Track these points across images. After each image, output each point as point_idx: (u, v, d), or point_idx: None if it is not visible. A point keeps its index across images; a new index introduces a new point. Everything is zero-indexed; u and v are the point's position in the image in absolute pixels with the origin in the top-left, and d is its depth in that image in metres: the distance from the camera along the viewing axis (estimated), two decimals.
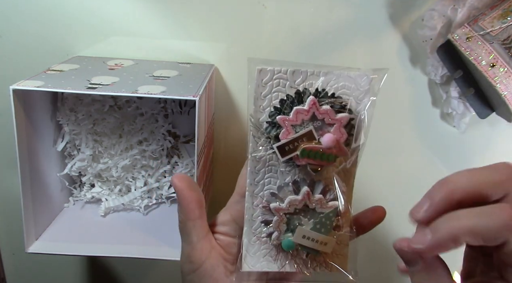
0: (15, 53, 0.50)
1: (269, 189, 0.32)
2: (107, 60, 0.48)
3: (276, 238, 0.32)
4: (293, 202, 0.31)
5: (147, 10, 0.49)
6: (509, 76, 0.43)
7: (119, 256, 0.41)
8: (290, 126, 0.30)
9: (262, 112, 0.31)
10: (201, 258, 0.33)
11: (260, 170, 0.32)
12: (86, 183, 0.51)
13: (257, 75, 0.30)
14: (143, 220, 0.48)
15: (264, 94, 0.30)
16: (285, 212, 0.32)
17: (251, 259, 0.33)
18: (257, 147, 0.31)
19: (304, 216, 0.32)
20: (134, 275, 0.64)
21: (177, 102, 0.50)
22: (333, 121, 0.30)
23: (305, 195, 0.31)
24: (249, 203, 0.32)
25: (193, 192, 0.33)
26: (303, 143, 0.30)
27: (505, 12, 0.43)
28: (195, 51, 0.50)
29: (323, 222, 0.31)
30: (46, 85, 0.37)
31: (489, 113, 0.49)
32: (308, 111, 0.30)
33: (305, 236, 0.32)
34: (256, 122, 0.31)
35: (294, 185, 0.32)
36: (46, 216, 0.45)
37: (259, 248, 0.33)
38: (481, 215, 0.24)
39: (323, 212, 0.32)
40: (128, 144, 0.49)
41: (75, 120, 0.48)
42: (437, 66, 0.49)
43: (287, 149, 0.30)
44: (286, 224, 0.32)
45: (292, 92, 0.30)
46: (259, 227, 0.33)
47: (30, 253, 0.41)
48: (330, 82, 0.30)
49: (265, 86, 0.30)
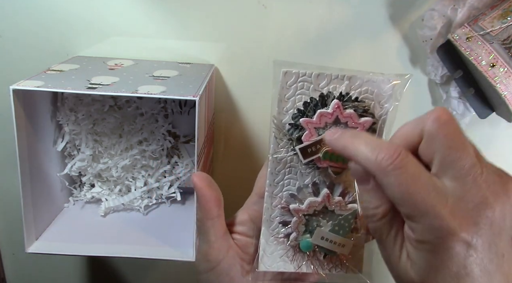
0: (15, 53, 0.50)
1: (288, 190, 0.32)
2: (107, 60, 0.48)
3: (294, 239, 0.33)
4: (313, 204, 0.32)
5: (147, 10, 0.49)
6: (509, 76, 0.43)
7: (119, 256, 0.41)
8: (313, 129, 0.30)
9: (286, 114, 0.31)
10: (219, 257, 0.33)
11: (280, 171, 0.32)
12: (86, 183, 0.51)
13: (282, 77, 0.30)
14: (143, 220, 0.48)
15: (288, 96, 0.31)
16: (304, 213, 0.32)
17: (268, 259, 0.33)
18: (279, 148, 0.31)
19: (323, 218, 0.33)
20: (134, 275, 0.64)
21: (177, 102, 0.50)
22: (356, 125, 0.30)
23: (325, 197, 0.32)
24: (268, 204, 0.33)
25: (212, 190, 0.33)
26: (325, 146, 0.30)
27: (505, 12, 0.43)
28: (195, 51, 0.50)
29: (341, 224, 0.32)
30: (46, 85, 0.37)
31: (489, 113, 0.49)
32: (332, 114, 0.30)
33: (323, 237, 0.32)
34: (278, 123, 0.31)
35: (314, 186, 0.32)
36: (46, 216, 0.45)
37: (276, 248, 0.33)
38: (372, 143, 0.26)
39: (342, 214, 0.32)
40: (128, 144, 0.49)
41: (75, 120, 0.48)
42: (437, 66, 0.49)
43: (309, 151, 0.31)
44: (304, 225, 0.33)
45: (316, 95, 0.31)
46: (277, 227, 0.33)
47: (30, 253, 0.41)
48: (354, 86, 0.31)
49: (289, 88, 0.30)
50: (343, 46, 0.51)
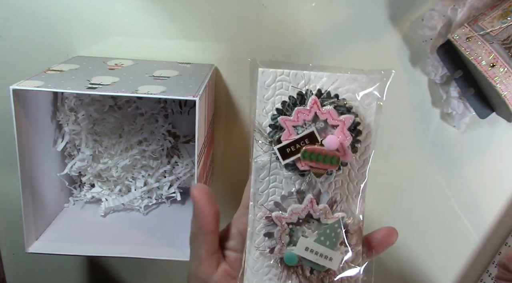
0: (15, 53, 0.50)
1: (274, 200, 0.31)
2: (107, 60, 0.48)
3: (278, 251, 0.30)
4: (296, 211, 0.30)
5: (147, 10, 0.49)
6: (509, 76, 0.43)
7: (119, 256, 0.41)
8: (292, 127, 0.29)
9: (265, 116, 0.30)
10: (207, 273, 0.32)
11: (264, 178, 0.30)
12: (86, 183, 0.51)
13: (259, 77, 0.29)
14: (143, 220, 0.48)
15: (267, 97, 0.29)
16: (288, 221, 0.30)
17: (253, 277, 0.31)
18: (261, 152, 0.30)
19: (308, 228, 0.30)
20: (134, 275, 0.64)
21: (177, 102, 0.50)
22: (336, 122, 0.29)
23: (309, 203, 0.30)
24: (253, 215, 0.31)
25: (211, 205, 0.31)
26: (305, 145, 0.29)
27: (505, 12, 0.43)
28: (195, 51, 0.50)
29: (327, 234, 0.30)
30: (46, 85, 0.37)
31: (489, 113, 0.49)
32: (309, 111, 0.29)
33: (308, 248, 0.30)
34: (259, 126, 0.30)
35: (299, 194, 0.30)
36: (46, 216, 0.45)
37: (262, 265, 0.31)
38: None
39: (328, 223, 0.30)
40: (128, 144, 0.49)
41: (75, 120, 0.48)
42: (437, 66, 0.49)
43: (288, 151, 0.29)
44: (289, 236, 0.30)
45: (295, 94, 0.29)
46: (262, 241, 0.31)
47: (30, 253, 0.41)
48: (334, 84, 0.29)
49: (267, 88, 0.29)
50: (344, 46, 0.51)
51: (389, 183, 0.57)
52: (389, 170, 0.56)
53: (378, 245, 0.32)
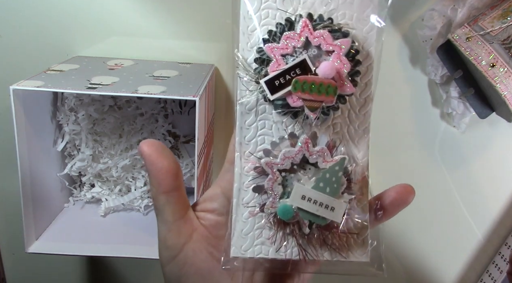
0: (15, 53, 0.50)
1: (263, 149, 0.26)
2: (107, 60, 0.48)
3: (270, 204, 0.26)
4: (288, 155, 0.25)
5: (147, 10, 0.49)
6: (509, 76, 0.43)
7: (119, 256, 0.41)
8: (280, 57, 0.25)
9: (250, 50, 0.26)
10: (179, 241, 0.27)
11: (251, 125, 0.26)
12: (86, 183, 0.51)
13: (242, 5, 0.25)
14: (143, 220, 0.48)
15: (251, 28, 0.25)
16: (280, 168, 0.25)
17: (241, 241, 0.26)
18: (246, 92, 0.26)
19: (304, 174, 0.26)
20: (134, 275, 0.64)
21: (177, 102, 0.50)
22: (331, 47, 0.24)
23: (304, 145, 0.25)
24: (239, 168, 0.26)
25: (165, 158, 0.27)
26: (296, 76, 0.24)
27: (505, 12, 0.43)
28: (195, 51, 0.50)
29: (327, 179, 0.25)
30: (46, 85, 0.37)
31: (489, 113, 0.49)
32: (299, 35, 0.24)
33: (305, 196, 0.25)
34: (243, 62, 0.26)
35: (292, 138, 0.26)
36: (46, 216, 0.45)
37: (252, 227, 0.26)
38: None
39: (326, 167, 0.25)
40: (128, 144, 0.49)
41: (75, 120, 0.48)
42: (437, 66, 0.49)
43: (277, 84, 0.24)
44: (282, 186, 0.26)
45: (283, 21, 0.25)
46: (252, 198, 0.26)
47: (30, 253, 0.41)
48: (328, 8, 0.25)
49: (251, 18, 0.25)
50: None
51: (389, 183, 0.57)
52: (389, 170, 0.56)
53: (391, 204, 0.27)
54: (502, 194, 0.57)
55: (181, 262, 0.27)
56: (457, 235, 0.60)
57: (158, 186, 0.27)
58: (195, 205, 0.29)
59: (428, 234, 0.60)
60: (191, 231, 0.27)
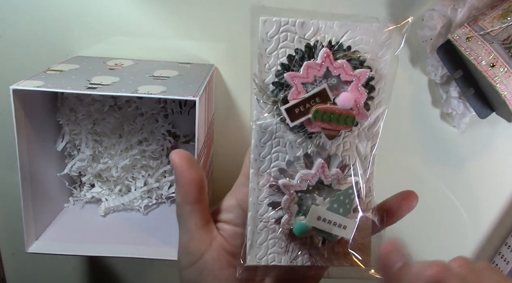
0: (15, 53, 0.50)
1: (277, 166, 0.27)
2: (107, 60, 0.48)
3: (286, 222, 0.27)
4: (306, 177, 0.27)
5: (147, 10, 0.49)
6: (509, 76, 0.43)
7: (119, 256, 0.41)
8: (301, 85, 0.26)
9: (268, 72, 0.26)
10: (200, 249, 0.29)
11: (267, 143, 0.27)
12: (86, 183, 0.51)
13: (261, 28, 0.25)
14: (143, 220, 0.48)
15: (269, 51, 0.26)
16: (296, 189, 0.27)
17: (257, 251, 0.28)
18: (262, 114, 0.26)
19: (319, 195, 0.28)
20: (134, 275, 0.64)
21: (177, 102, 0.50)
22: (350, 78, 0.26)
23: (320, 169, 0.27)
24: (254, 183, 0.28)
25: (193, 170, 0.28)
26: (315, 104, 0.25)
27: (505, 12, 0.43)
28: (195, 51, 0.50)
29: (341, 201, 0.27)
30: (46, 85, 0.37)
31: (489, 113, 0.49)
32: (321, 66, 0.25)
33: (320, 217, 0.27)
34: (260, 83, 0.26)
35: (307, 159, 0.27)
36: (46, 216, 0.45)
37: (267, 237, 0.28)
38: None
39: (340, 189, 0.27)
40: (128, 144, 0.49)
41: (75, 120, 0.48)
42: (437, 66, 0.49)
43: (297, 111, 0.26)
44: (297, 205, 0.27)
45: (302, 47, 0.26)
46: (266, 211, 0.28)
47: (30, 253, 0.41)
48: (346, 34, 0.26)
49: (270, 40, 0.26)
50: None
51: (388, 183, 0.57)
52: (389, 170, 0.56)
53: (396, 210, 0.30)
54: (502, 194, 0.57)
55: (200, 269, 0.29)
56: (457, 235, 0.60)
57: (185, 196, 0.29)
58: (213, 215, 0.31)
59: (428, 234, 0.60)
60: (211, 240, 0.29)
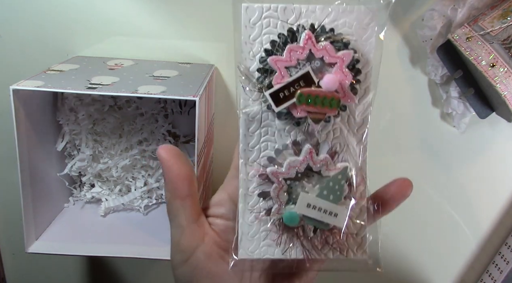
0: (15, 53, 0.50)
1: (267, 155, 0.27)
2: (107, 60, 0.48)
3: (276, 211, 0.27)
4: (294, 164, 0.26)
5: (147, 10, 0.49)
6: (509, 76, 0.43)
7: (119, 256, 0.41)
8: (284, 69, 0.25)
9: (253, 59, 0.26)
10: (192, 245, 0.28)
11: (255, 132, 0.27)
12: (86, 183, 0.51)
13: (243, 14, 0.26)
14: (143, 220, 0.48)
15: (253, 37, 0.26)
16: (285, 177, 0.27)
17: (248, 243, 0.28)
18: (249, 102, 0.26)
19: (308, 182, 0.27)
20: (134, 275, 0.64)
21: (177, 102, 0.50)
22: (334, 60, 0.25)
23: (308, 155, 0.26)
24: (244, 174, 0.27)
25: (182, 165, 0.28)
26: (300, 88, 0.25)
27: (505, 12, 0.43)
28: (195, 51, 0.50)
29: (330, 187, 0.26)
30: (46, 85, 0.37)
31: (489, 113, 0.49)
32: (303, 48, 0.25)
33: (310, 204, 0.26)
34: (246, 71, 0.26)
35: (295, 146, 0.27)
36: (46, 216, 0.45)
37: (258, 229, 0.28)
38: None
39: (330, 175, 0.27)
40: (128, 144, 0.49)
41: (75, 120, 0.48)
42: (437, 66, 0.49)
43: (282, 96, 0.25)
44: (287, 193, 0.27)
45: (285, 32, 0.26)
46: (257, 202, 0.28)
47: (30, 253, 0.41)
48: (329, 18, 0.26)
49: (253, 27, 0.26)
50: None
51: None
52: (388, 170, 0.56)
53: (391, 199, 0.29)
54: (503, 193, 0.57)
55: (193, 265, 0.28)
56: (457, 235, 0.60)
57: (173, 191, 0.28)
58: (204, 210, 0.30)
59: (428, 233, 0.60)
60: (203, 235, 0.29)
